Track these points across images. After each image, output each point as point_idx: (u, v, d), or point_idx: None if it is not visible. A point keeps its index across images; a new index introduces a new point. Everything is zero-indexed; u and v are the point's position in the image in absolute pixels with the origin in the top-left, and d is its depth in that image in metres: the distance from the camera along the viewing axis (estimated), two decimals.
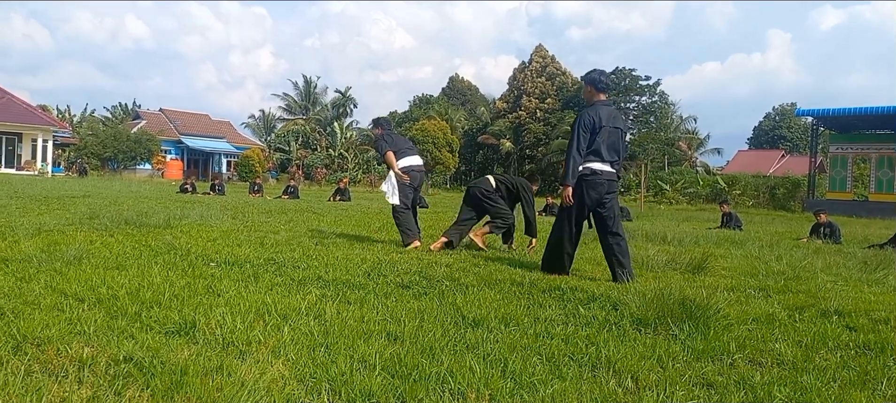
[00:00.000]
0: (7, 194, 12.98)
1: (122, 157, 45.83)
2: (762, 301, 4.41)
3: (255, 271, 4.73)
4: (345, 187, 21.84)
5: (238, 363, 2.56)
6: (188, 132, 55.11)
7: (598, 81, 5.35)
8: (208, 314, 3.23)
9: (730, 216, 14.91)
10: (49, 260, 4.58)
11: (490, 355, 2.86)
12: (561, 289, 4.43)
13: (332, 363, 2.62)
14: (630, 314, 3.71)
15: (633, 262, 5.80)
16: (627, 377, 2.67)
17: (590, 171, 5.18)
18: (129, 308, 3.31)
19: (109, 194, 15.46)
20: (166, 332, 2.96)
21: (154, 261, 4.92)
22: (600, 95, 5.34)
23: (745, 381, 2.69)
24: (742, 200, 35.56)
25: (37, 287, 3.71)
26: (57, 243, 5.59)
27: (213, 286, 4.05)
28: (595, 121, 5.15)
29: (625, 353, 2.97)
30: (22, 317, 3.02)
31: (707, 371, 2.81)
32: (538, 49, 58.15)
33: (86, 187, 19.65)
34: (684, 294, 3.89)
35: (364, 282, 4.48)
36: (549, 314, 3.74)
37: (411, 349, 2.85)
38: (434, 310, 3.69)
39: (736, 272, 5.91)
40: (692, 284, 4.91)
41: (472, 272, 5.11)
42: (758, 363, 2.98)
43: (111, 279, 4.05)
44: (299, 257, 5.53)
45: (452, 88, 69.67)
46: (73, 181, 27.83)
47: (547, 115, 54.34)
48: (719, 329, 3.45)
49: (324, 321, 3.30)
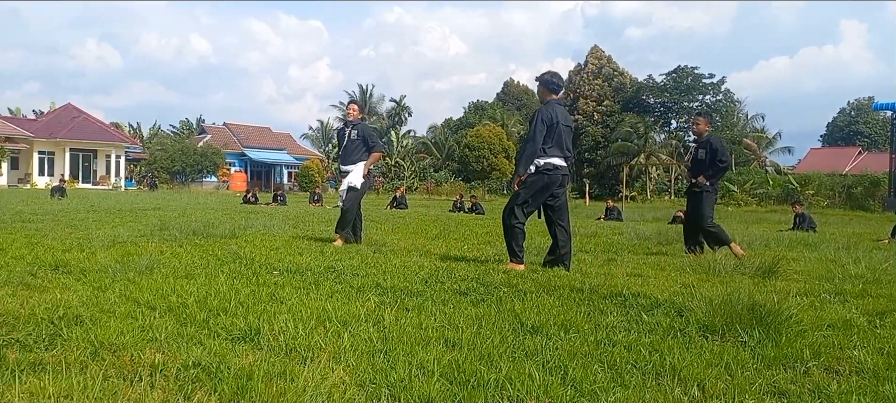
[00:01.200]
0: (84, 208, 13.68)
1: (190, 170, 47.70)
2: (839, 306, 4.20)
3: (316, 278, 4.82)
4: (401, 196, 22.07)
5: (300, 368, 2.61)
6: (250, 145, 56.90)
7: (550, 82, 5.76)
8: (272, 321, 3.31)
9: (803, 217, 14.32)
10: (123, 270, 4.78)
11: (549, 362, 2.82)
12: (622, 295, 4.33)
13: (392, 369, 2.63)
14: (696, 320, 3.59)
15: (701, 267, 5.82)
16: (693, 385, 2.58)
17: (552, 166, 5.53)
18: (198, 316, 3.42)
19: (178, 207, 16.09)
20: (232, 338, 3.05)
21: (220, 270, 5.08)
22: (552, 95, 5.73)
23: (820, 390, 2.56)
24: (816, 200, 34.09)
25: (112, 296, 3.88)
26: (130, 253, 5.84)
27: (275, 293, 4.15)
28: (553, 118, 5.52)
29: (691, 361, 2.87)
30: (99, 324, 3.16)
31: (779, 379, 2.69)
32: (593, 50, 57.44)
33: (156, 200, 20.52)
34: (754, 299, 3.73)
35: (422, 289, 4.49)
36: (610, 320, 3.66)
37: (469, 356, 2.84)
38: (492, 317, 3.67)
39: (810, 276, 5.65)
40: (762, 289, 4.72)
41: (530, 278, 5.06)
42: (834, 371, 2.83)
43: (180, 287, 4.20)
44: (358, 264, 5.60)
45: (507, 93, 69.42)
46: (144, 195, 29.13)
47: (605, 117, 53.53)
48: (792, 336, 3.29)
49: (382, 327, 3.33)
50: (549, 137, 5.50)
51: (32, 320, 3.18)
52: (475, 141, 48.73)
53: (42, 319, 3.20)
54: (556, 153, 5.53)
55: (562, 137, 5.54)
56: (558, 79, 5.83)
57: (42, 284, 4.28)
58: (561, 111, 5.62)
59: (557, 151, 5.54)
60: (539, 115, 5.56)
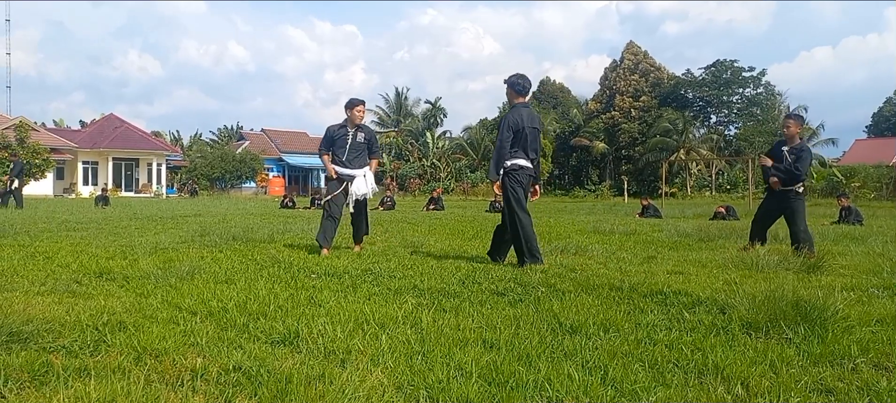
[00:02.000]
0: (127, 216, 14.06)
1: (229, 176, 48.60)
2: (888, 301, 4.06)
3: (354, 281, 4.86)
4: (438, 197, 22.11)
5: (339, 371, 2.63)
6: (288, 150, 57.72)
7: (516, 84, 5.96)
8: (310, 325, 3.34)
9: (849, 210, 13.91)
10: (165, 276, 4.89)
11: (589, 362, 2.78)
12: (663, 293, 4.27)
13: (430, 370, 2.63)
14: (739, 317, 3.51)
15: (744, 263, 5.73)
16: (737, 383, 2.52)
17: (518, 166, 5.87)
18: (238, 320, 3.48)
19: (218, 212, 16.41)
20: (272, 342, 3.09)
21: (260, 274, 5.16)
22: (519, 97, 5.97)
23: (869, 387, 2.48)
24: (862, 192, 33.04)
25: (154, 302, 3.98)
26: (172, 259, 5.98)
27: (314, 297, 4.19)
28: (518, 122, 5.84)
29: (734, 359, 2.81)
30: (142, 330, 3.24)
31: (825, 376, 2.61)
32: (629, 46, 56.71)
33: (196, 207, 20.96)
34: (798, 295, 3.63)
35: (459, 290, 4.49)
36: (650, 319, 3.60)
37: (508, 357, 2.83)
38: (530, 317, 3.65)
39: (856, 271, 5.48)
40: (807, 284, 4.59)
41: (569, 277, 5.02)
42: (884, 367, 2.74)
43: (221, 292, 4.27)
44: (395, 267, 5.63)
45: (543, 92, 68.90)
46: (184, 201, 29.79)
47: (642, 113, 52.77)
48: (838, 332, 3.20)
49: (420, 329, 3.34)
50: (516, 141, 5.86)
51: (78, 326, 3.27)
52: None
53: (87, 325, 3.29)
54: (520, 155, 5.90)
55: (527, 140, 5.89)
56: (524, 81, 6.01)
57: (87, 291, 4.40)
58: (527, 114, 5.94)
59: (522, 153, 5.91)
60: (505, 120, 5.88)
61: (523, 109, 5.93)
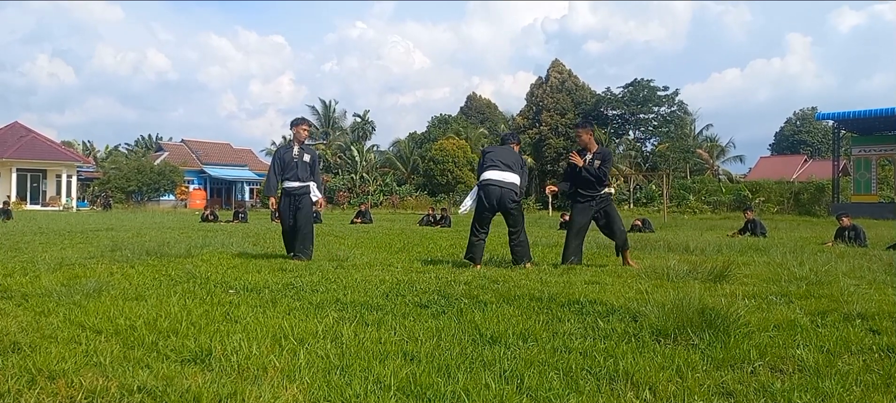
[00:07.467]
0: (31, 231, 13.23)
1: (146, 189, 46.59)
2: (784, 307, 4.32)
3: (274, 296, 4.75)
4: (366, 210, 21.94)
5: (252, 388, 2.56)
6: (210, 161, 55.95)
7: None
8: (225, 341, 3.24)
9: (754, 223, 14.70)
10: (69, 294, 4.63)
11: (506, 371, 2.82)
12: (580, 302, 4.38)
13: (347, 385, 2.60)
14: (649, 325, 3.65)
15: (656, 273, 5.95)
16: (645, 388, 2.62)
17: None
18: (146, 338, 3.33)
19: (132, 227, 15.69)
20: (182, 360, 2.97)
21: (173, 290, 4.96)
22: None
23: (765, 388, 2.63)
24: (766, 206, 35.06)
25: (55, 321, 3.75)
26: (78, 276, 5.67)
27: (230, 312, 4.07)
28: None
29: (643, 365, 2.92)
30: (38, 351, 3.05)
31: (727, 379, 2.75)
32: (555, 64, 58.13)
33: (109, 221, 19.97)
34: (704, 303, 3.82)
35: (382, 303, 4.46)
36: (567, 328, 3.69)
37: (427, 369, 2.83)
38: (452, 329, 3.67)
39: (758, 279, 5.80)
40: (713, 293, 4.83)
41: (491, 288, 5.08)
42: (779, 370, 2.91)
43: (129, 309, 4.08)
44: (318, 280, 5.54)
45: (470, 107, 69.76)
46: (97, 215, 28.31)
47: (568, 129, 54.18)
48: (740, 337, 3.38)
49: (340, 343, 3.29)
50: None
51: None
52: (439, 155, 48.83)
53: None
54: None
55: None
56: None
57: None
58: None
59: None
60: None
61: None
